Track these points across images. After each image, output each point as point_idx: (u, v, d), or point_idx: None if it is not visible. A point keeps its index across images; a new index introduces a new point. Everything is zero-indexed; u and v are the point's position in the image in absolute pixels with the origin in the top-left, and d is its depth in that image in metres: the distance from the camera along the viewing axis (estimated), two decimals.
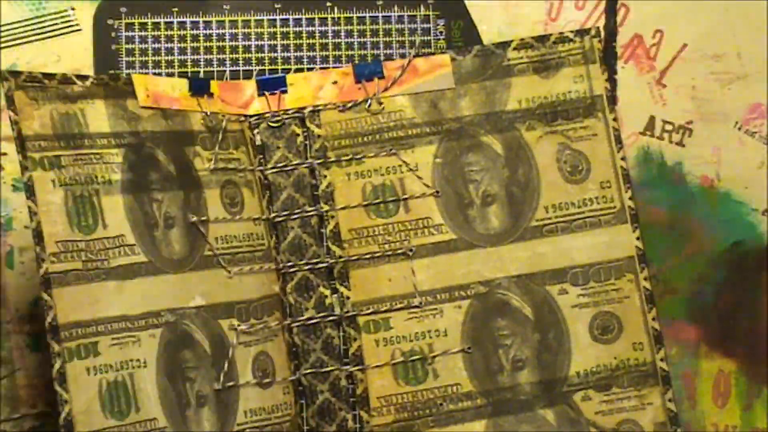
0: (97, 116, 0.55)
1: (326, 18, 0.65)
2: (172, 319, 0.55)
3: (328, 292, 0.59)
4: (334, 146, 0.60)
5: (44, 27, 0.64)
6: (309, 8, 0.65)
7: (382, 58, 0.65)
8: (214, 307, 0.57)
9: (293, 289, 0.59)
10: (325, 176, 0.60)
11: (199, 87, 0.59)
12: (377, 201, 0.60)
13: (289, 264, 0.59)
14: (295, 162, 0.60)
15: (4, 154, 0.63)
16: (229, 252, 0.58)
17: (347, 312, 0.59)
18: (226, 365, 0.56)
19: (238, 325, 0.57)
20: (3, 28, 0.63)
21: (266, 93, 0.61)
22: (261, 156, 0.60)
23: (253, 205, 0.59)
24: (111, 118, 0.56)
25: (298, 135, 0.60)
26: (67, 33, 0.64)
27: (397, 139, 0.60)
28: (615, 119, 0.61)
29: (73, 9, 0.64)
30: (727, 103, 0.66)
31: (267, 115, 0.60)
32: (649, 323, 0.59)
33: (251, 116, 0.60)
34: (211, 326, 0.56)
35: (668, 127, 0.66)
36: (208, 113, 0.59)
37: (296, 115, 0.60)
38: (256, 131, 0.60)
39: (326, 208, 0.60)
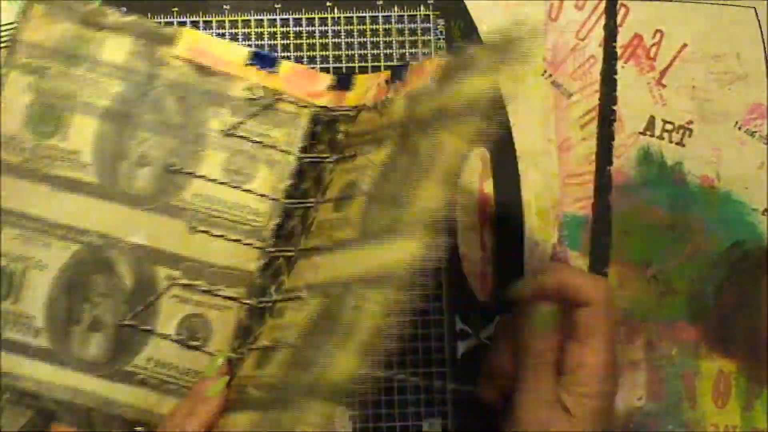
0: (117, 48, 0.59)
1: (326, 18, 0.65)
2: (98, 243, 0.58)
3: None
4: (349, 143, 0.60)
5: None
6: (309, 8, 0.65)
7: (382, 58, 0.65)
8: (157, 252, 0.58)
9: (269, 274, 0.60)
10: (332, 171, 0.60)
11: (263, 60, 0.60)
12: (347, 194, 0.59)
13: (276, 249, 0.60)
14: (325, 157, 0.60)
15: None
16: (204, 211, 0.58)
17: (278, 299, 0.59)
18: (141, 307, 0.58)
19: (177, 279, 0.58)
20: (3, 28, 0.63)
21: (336, 89, 0.61)
22: (305, 144, 0.60)
23: (265, 183, 0.60)
24: (131, 55, 0.59)
25: (340, 134, 0.60)
26: None
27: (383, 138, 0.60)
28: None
29: None
30: (727, 103, 0.66)
31: (332, 115, 0.60)
32: None
33: (319, 107, 0.60)
34: (144, 267, 0.58)
35: (668, 127, 0.66)
36: (261, 86, 0.59)
37: (348, 112, 0.60)
38: (317, 125, 0.60)
39: (320, 197, 0.60)
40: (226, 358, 0.57)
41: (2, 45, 0.63)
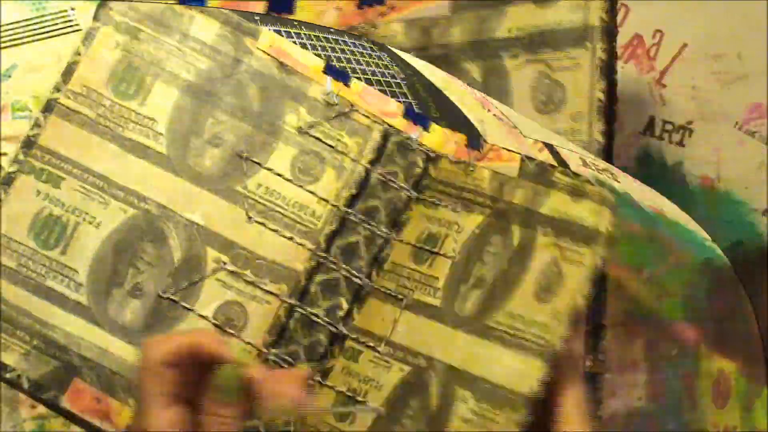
0: (206, 27, 0.58)
1: None
2: (155, 212, 0.57)
3: (345, 307, 0.59)
4: (437, 189, 0.59)
5: (44, 27, 0.64)
6: None
7: None
8: (211, 233, 0.58)
9: (320, 283, 0.59)
10: (412, 209, 0.59)
11: (337, 73, 0.60)
12: (428, 248, 0.58)
13: (332, 261, 0.59)
14: (402, 185, 0.60)
15: (4, 154, 0.63)
16: (264, 203, 0.58)
17: (346, 333, 0.58)
18: (186, 284, 0.57)
19: (225, 263, 0.58)
20: (3, 28, 0.63)
21: (409, 119, 0.60)
22: (376, 158, 0.60)
23: (329, 187, 0.59)
24: (220, 37, 0.59)
25: (418, 168, 0.60)
26: (67, 33, 0.64)
27: None
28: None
29: (73, 9, 0.64)
30: (727, 103, 0.66)
31: (405, 136, 0.60)
32: None
33: (391, 126, 0.60)
34: (195, 245, 0.57)
35: (668, 127, 0.66)
36: (336, 94, 0.59)
37: (427, 153, 0.60)
38: (388, 141, 0.60)
39: (394, 235, 0.59)
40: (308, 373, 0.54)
41: (3, 46, 0.63)
